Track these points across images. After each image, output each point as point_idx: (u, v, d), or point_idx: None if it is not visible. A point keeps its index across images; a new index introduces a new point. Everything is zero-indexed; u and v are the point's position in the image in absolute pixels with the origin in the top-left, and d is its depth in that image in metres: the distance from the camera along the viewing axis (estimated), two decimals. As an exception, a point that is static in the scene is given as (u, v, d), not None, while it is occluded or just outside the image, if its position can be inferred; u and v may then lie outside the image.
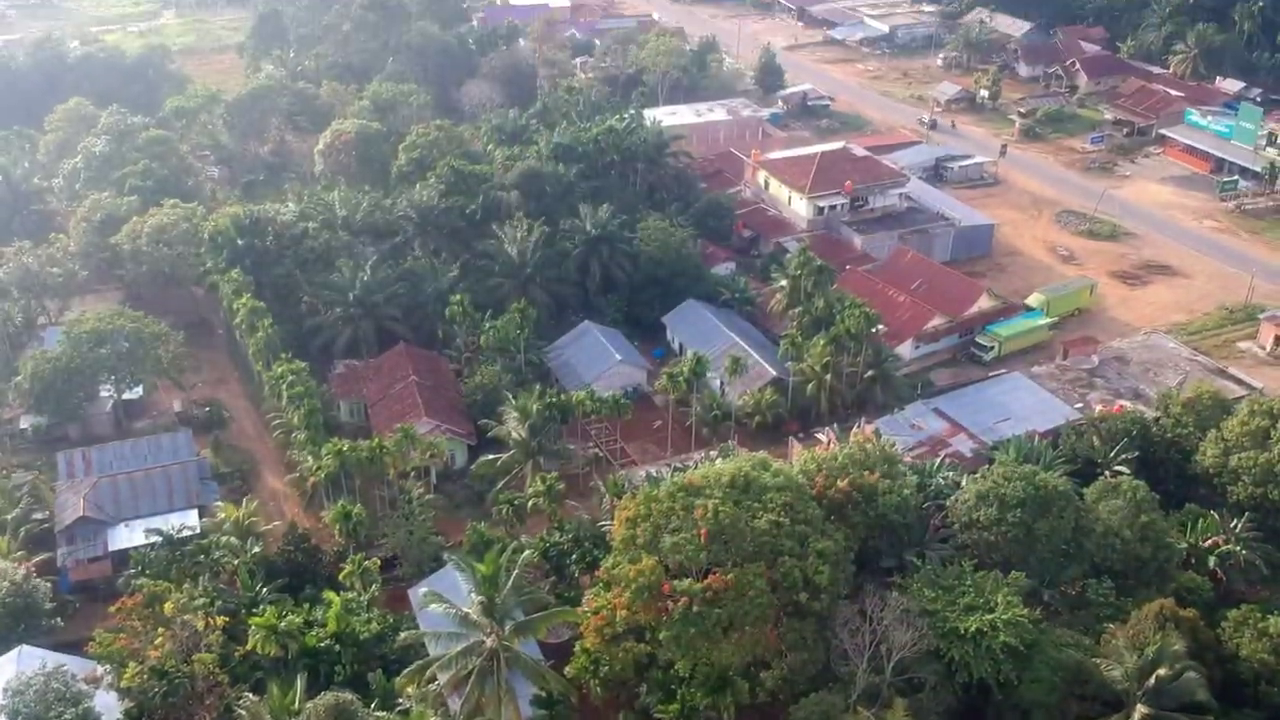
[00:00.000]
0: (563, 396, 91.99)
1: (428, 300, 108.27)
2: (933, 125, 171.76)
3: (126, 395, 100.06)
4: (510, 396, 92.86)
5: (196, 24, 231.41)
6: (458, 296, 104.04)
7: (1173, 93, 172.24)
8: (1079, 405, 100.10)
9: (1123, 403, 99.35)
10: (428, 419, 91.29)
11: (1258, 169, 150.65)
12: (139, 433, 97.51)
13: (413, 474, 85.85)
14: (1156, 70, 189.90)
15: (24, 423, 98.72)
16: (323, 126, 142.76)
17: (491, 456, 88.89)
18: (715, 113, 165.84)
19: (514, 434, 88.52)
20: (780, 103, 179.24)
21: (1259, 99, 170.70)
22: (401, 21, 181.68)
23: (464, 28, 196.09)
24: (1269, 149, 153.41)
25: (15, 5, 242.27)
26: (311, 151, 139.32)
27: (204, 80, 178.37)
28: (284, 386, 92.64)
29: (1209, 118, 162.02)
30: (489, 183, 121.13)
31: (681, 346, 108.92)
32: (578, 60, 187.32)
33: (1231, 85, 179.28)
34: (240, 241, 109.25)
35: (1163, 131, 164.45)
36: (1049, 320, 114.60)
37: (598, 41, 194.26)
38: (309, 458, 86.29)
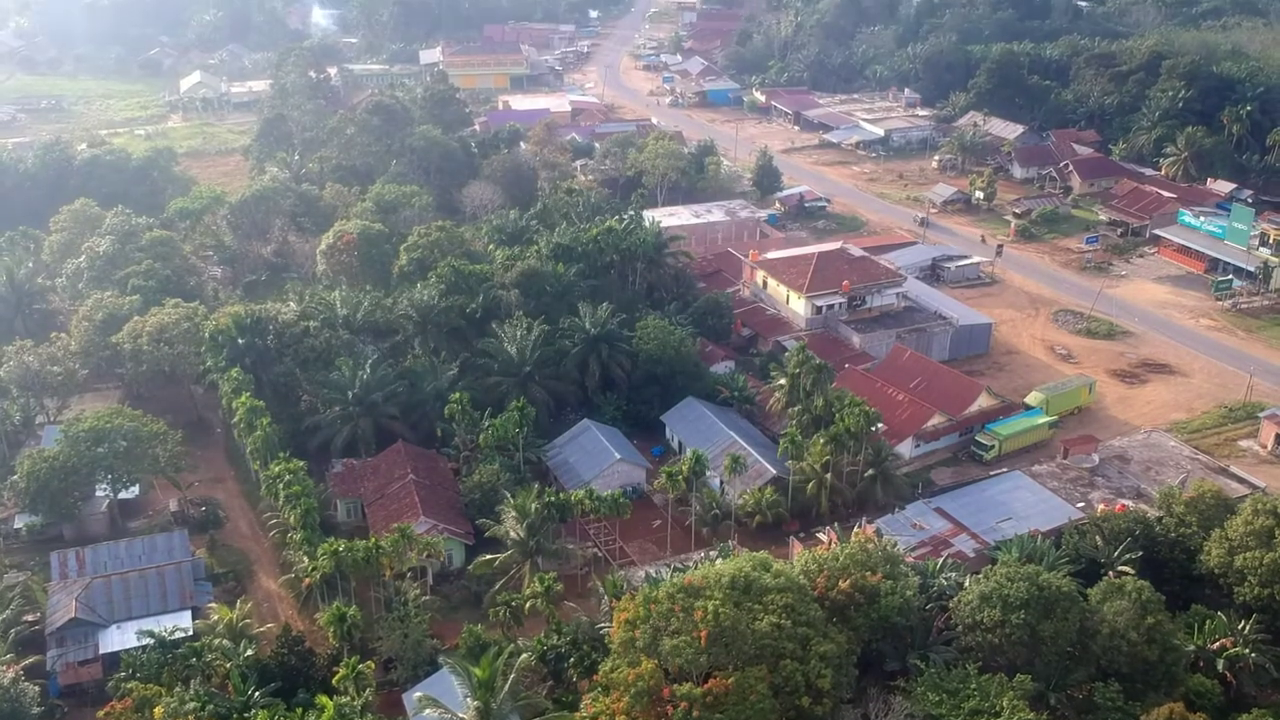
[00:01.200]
0: (561, 495, 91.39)
1: (427, 399, 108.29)
2: (924, 223, 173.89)
3: (123, 495, 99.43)
4: (509, 495, 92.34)
5: (203, 128, 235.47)
6: (457, 395, 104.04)
7: (1165, 194, 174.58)
8: (1081, 504, 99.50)
9: (1125, 502, 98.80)
10: (425, 518, 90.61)
11: (1251, 269, 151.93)
12: (134, 532, 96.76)
13: (409, 574, 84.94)
14: (1148, 172, 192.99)
15: (18, 522, 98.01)
16: (325, 227, 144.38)
17: (489, 556, 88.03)
18: (713, 213, 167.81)
19: (512, 533, 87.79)
20: (778, 204, 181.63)
21: (1250, 200, 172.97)
22: (405, 125, 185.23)
23: (466, 131, 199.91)
24: (1262, 249, 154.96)
25: (26, 109, 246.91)
26: (314, 252, 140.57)
27: (209, 182, 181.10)
28: (280, 486, 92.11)
29: (1202, 218, 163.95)
30: (489, 282, 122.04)
31: (681, 445, 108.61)
32: (578, 163, 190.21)
33: (1223, 186, 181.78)
34: (241, 340, 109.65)
35: (1157, 232, 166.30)
36: (1049, 419, 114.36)
37: (597, 145, 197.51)
38: (304, 558, 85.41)
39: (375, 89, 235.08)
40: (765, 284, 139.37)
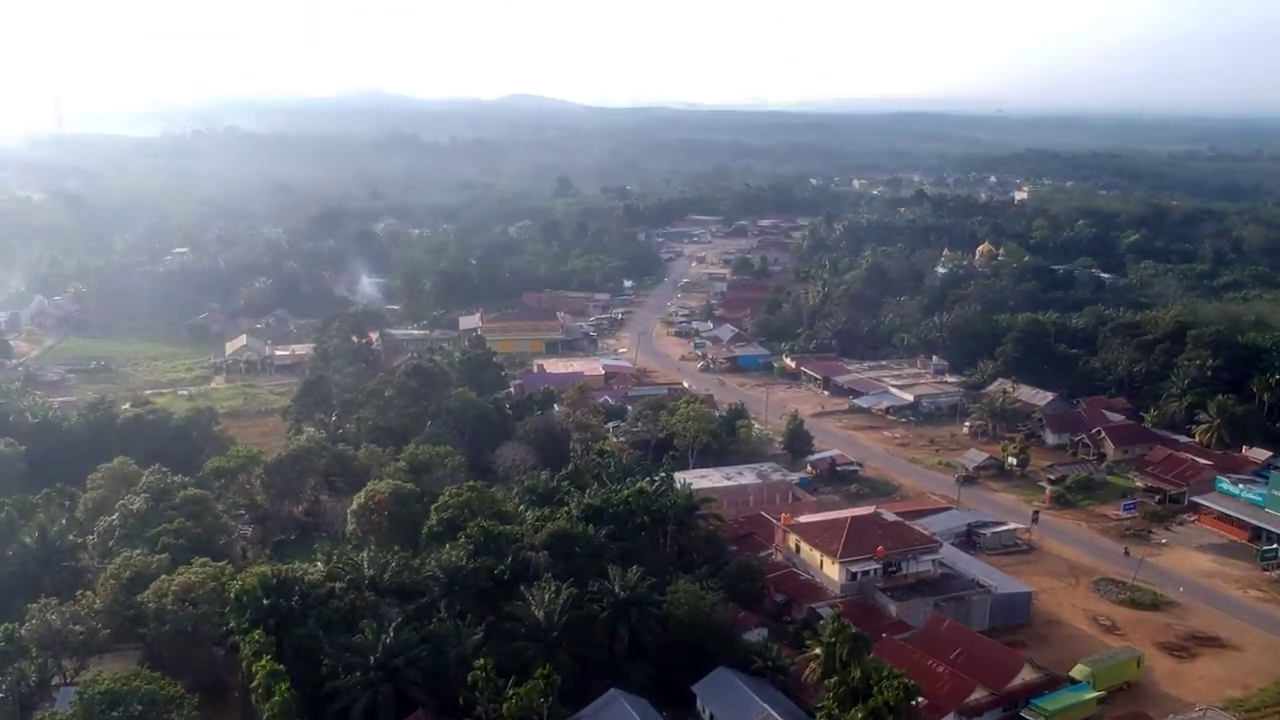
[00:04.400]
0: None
1: (450, 664, 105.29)
2: (966, 481, 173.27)
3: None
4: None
5: (245, 389, 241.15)
6: (481, 662, 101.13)
7: (1201, 461, 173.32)
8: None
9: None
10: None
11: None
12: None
13: None
14: (1182, 439, 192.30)
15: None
16: (358, 487, 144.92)
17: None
18: (745, 476, 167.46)
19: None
20: (809, 468, 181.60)
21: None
22: (442, 388, 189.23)
23: (501, 394, 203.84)
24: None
25: (75, 370, 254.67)
26: (345, 511, 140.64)
27: (247, 441, 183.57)
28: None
29: (1241, 486, 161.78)
30: (519, 543, 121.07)
31: (713, 717, 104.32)
32: (610, 425, 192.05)
33: (1259, 454, 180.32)
34: (265, 601, 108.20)
35: (1195, 499, 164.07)
36: (1096, 694, 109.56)
37: (629, 407, 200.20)
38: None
39: (414, 353, 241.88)
40: (798, 548, 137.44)
